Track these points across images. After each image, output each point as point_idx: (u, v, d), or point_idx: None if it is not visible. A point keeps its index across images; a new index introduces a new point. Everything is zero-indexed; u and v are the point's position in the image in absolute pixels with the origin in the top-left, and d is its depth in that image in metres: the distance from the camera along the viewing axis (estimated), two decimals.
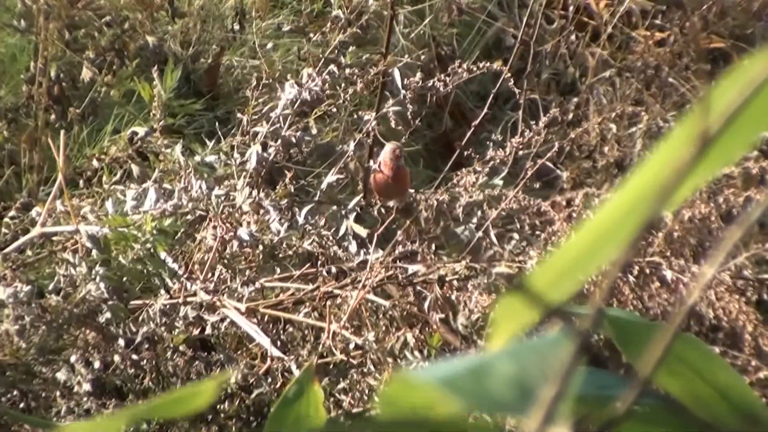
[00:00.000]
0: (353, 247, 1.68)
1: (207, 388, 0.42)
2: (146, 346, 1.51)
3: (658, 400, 0.48)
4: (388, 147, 1.77)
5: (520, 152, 1.80)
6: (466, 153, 1.82)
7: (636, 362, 0.53)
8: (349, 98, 1.76)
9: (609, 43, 2.99)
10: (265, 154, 1.73)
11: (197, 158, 1.73)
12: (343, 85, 1.77)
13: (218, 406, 1.50)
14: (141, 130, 1.84)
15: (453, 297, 1.53)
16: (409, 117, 1.72)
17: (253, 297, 1.57)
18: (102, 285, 1.48)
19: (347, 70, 1.75)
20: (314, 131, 1.78)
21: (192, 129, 2.54)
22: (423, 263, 1.59)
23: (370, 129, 1.76)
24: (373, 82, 1.78)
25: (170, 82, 2.46)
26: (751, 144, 0.37)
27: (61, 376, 1.45)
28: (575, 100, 2.85)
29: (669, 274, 1.61)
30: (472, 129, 2.02)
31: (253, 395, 1.48)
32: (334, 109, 1.80)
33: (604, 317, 0.56)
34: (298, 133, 1.75)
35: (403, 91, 1.73)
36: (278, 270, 1.67)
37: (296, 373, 1.52)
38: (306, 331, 1.57)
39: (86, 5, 2.37)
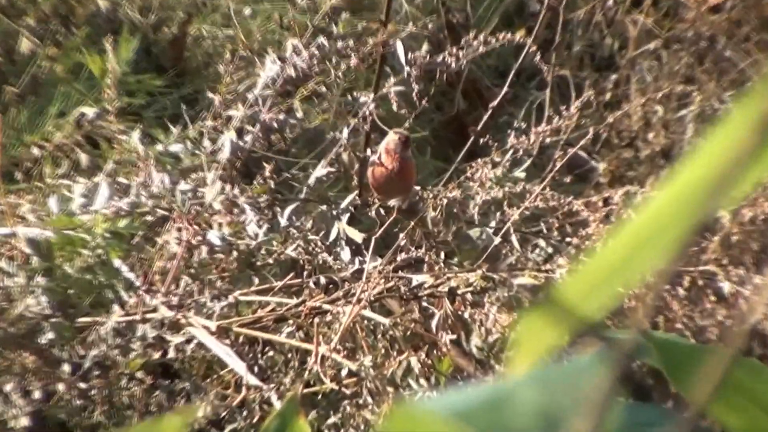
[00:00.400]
0: (346, 253, 1.68)
1: (170, 423, 0.42)
2: (96, 372, 1.51)
3: None
4: (392, 134, 1.77)
5: (547, 140, 1.80)
6: (482, 140, 1.82)
7: (686, 393, 0.53)
8: (341, 75, 1.76)
9: (654, 10, 2.99)
10: (240, 142, 1.72)
11: (159, 146, 1.72)
12: (334, 59, 1.77)
13: None
14: (91, 112, 1.84)
15: (466, 314, 1.52)
16: (415, 98, 1.72)
17: (225, 313, 1.57)
18: (43, 299, 1.47)
19: (339, 42, 1.75)
20: (300, 115, 1.78)
21: (153, 111, 2.54)
22: (430, 273, 1.59)
23: (368, 112, 1.76)
24: (370, 56, 1.78)
25: (126, 54, 2.46)
26: None
27: None
28: (613, 77, 2.85)
29: (726, 287, 1.61)
30: (490, 112, 2.02)
31: None
32: (324, 89, 1.80)
33: (648, 339, 0.56)
34: (281, 117, 1.75)
35: (406, 67, 1.73)
36: (256, 281, 1.66)
37: (277, 405, 1.52)
38: (289, 355, 1.57)
39: None
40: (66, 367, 1.50)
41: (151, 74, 2.58)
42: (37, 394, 1.47)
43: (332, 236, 1.71)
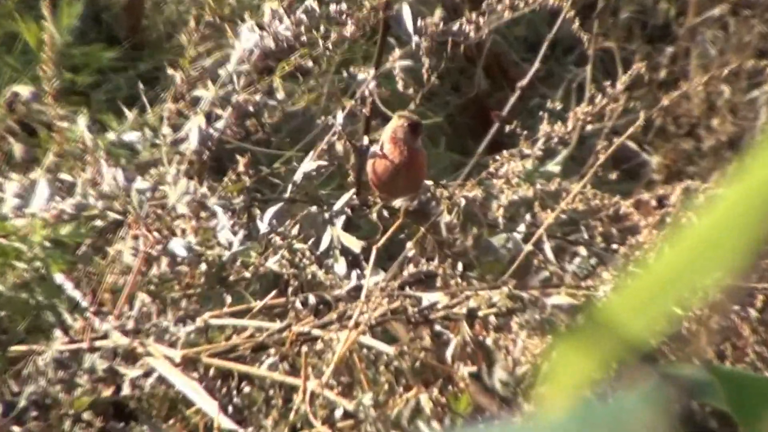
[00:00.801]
0: (341, 266, 1.67)
1: None
2: (34, 413, 1.51)
3: None
4: (397, 119, 1.77)
5: (589, 127, 1.80)
6: (508, 128, 1.82)
7: None
8: (334, 48, 1.76)
9: None
10: (210, 130, 1.72)
11: (111, 135, 1.72)
12: (325, 27, 1.77)
13: None
14: (26, 92, 1.84)
15: (489, 340, 1.52)
16: (425, 75, 1.72)
17: (192, 340, 1.57)
18: None
19: (332, 6, 1.75)
20: (281, 95, 1.78)
21: (103, 92, 2.55)
22: (444, 291, 1.58)
23: (367, 93, 1.76)
24: (369, 22, 1.79)
25: (69, 21, 2.46)
26: None
27: None
28: (670, 50, 2.86)
29: None
30: (518, 93, 2.02)
31: None
32: (313, 64, 1.80)
33: (712, 372, 0.56)
34: (259, 99, 1.75)
35: (415, 38, 1.73)
36: (229, 300, 1.66)
37: None
38: (271, 391, 1.57)
39: None
40: None
41: (100, 46, 2.59)
42: None
43: (324, 245, 1.72)
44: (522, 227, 1.77)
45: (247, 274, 1.64)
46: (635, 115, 1.84)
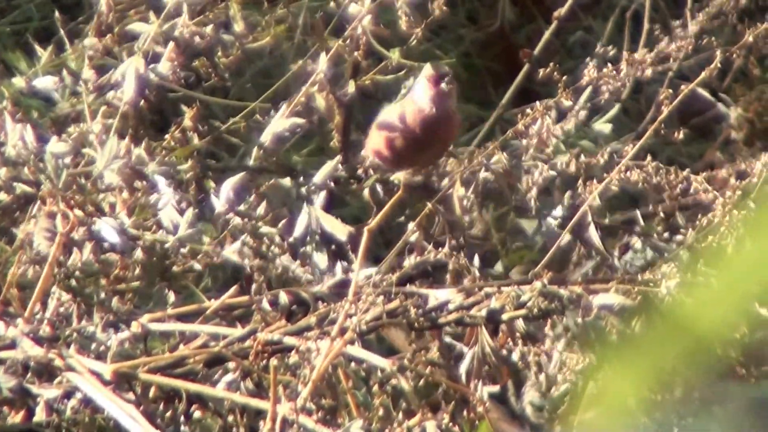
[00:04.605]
0: (322, 257, 1.68)
1: None
2: None
3: None
4: (427, 70, 1.78)
5: (648, 71, 1.80)
6: (541, 72, 1.83)
7: None
8: None
9: None
10: (150, 74, 1.72)
11: (18, 81, 1.72)
12: None
13: None
14: None
15: (515, 353, 1.52)
16: (433, 5, 1.72)
17: (126, 351, 1.57)
18: None
19: None
20: (240, 27, 1.78)
21: (8, 23, 2.54)
22: (457, 288, 1.59)
23: (358, 29, 1.77)
24: None
25: None
26: None
27: None
28: None
29: None
30: (555, 25, 2.02)
31: None
32: None
33: None
34: (210, 31, 1.75)
35: None
36: (173, 299, 1.66)
37: None
38: (230, 417, 1.57)
39: None
40: None
41: None
42: None
43: (299, 229, 1.72)
44: (559, 208, 1.77)
45: (198, 266, 1.65)
46: (708, 53, 1.85)
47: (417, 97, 1.78)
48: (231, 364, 1.61)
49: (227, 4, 1.79)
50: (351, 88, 1.81)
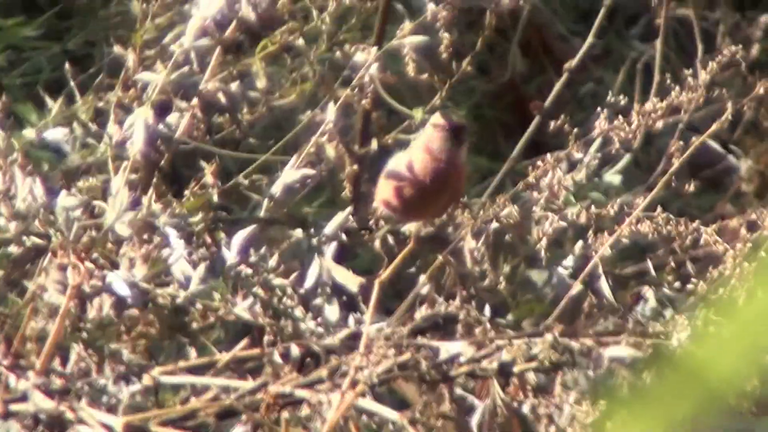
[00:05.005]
0: (333, 309, 1.68)
1: None
2: None
3: None
4: (436, 120, 1.78)
5: (658, 122, 1.81)
6: (552, 123, 1.83)
7: None
8: (327, 18, 1.78)
9: None
10: (161, 126, 1.73)
11: (28, 133, 1.73)
12: None
13: None
14: None
15: (526, 406, 1.52)
16: (444, 55, 1.73)
17: (138, 403, 1.57)
18: None
19: None
20: (262, 83, 1.79)
21: (19, 75, 2.55)
22: (468, 340, 1.59)
23: (367, 79, 1.77)
24: None
25: None
26: None
27: None
28: (764, 19, 2.86)
29: None
30: (566, 77, 2.03)
31: None
32: (299, 40, 1.81)
33: None
34: (229, 85, 1.76)
35: (430, 5, 1.74)
36: (188, 352, 1.66)
37: None
38: None
39: None
40: None
41: (16, 18, 2.60)
42: None
43: (310, 281, 1.72)
44: (570, 259, 1.77)
45: (211, 320, 1.65)
46: (719, 105, 1.85)
47: (424, 146, 1.78)
48: (243, 417, 1.60)
49: (247, 60, 1.79)
50: (374, 145, 1.82)
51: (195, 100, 1.73)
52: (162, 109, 1.77)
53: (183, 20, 1.83)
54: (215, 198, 1.67)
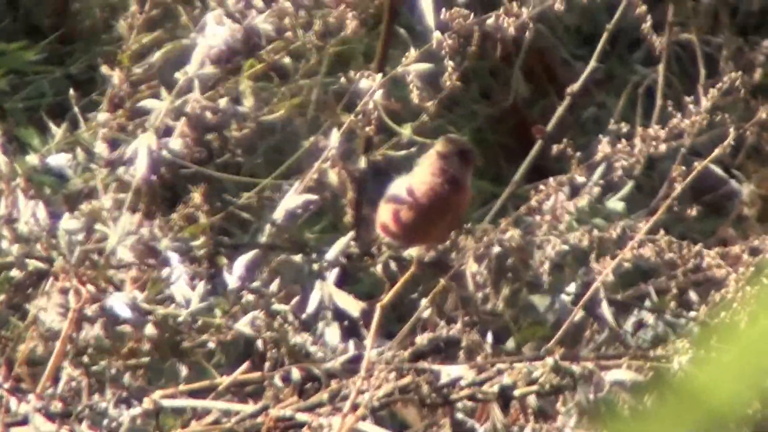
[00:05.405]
0: (334, 333, 1.67)
1: None
2: None
3: None
4: (441, 145, 1.79)
5: (661, 147, 1.81)
6: (555, 147, 1.83)
7: None
8: (327, 43, 1.78)
9: None
10: (163, 151, 1.73)
11: (31, 158, 1.73)
12: (313, 16, 1.78)
13: None
14: None
15: (527, 429, 1.51)
16: (447, 81, 1.74)
17: (138, 427, 1.56)
18: None
19: None
20: (249, 102, 1.79)
21: (21, 100, 2.55)
22: (469, 364, 1.58)
23: (370, 105, 1.77)
24: (372, 9, 1.80)
25: None
26: None
27: None
28: (767, 44, 2.86)
29: None
30: (568, 101, 2.03)
31: None
32: (293, 61, 1.81)
33: None
34: (227, 109, 1.76)
35: (435, 32, 1.74)
36: (186, 373, 1.66)
37: None
38: None
39: None
40: None
41: (18, 40, 2.60)
42: None
43: (312, 305, 1.72)
44: (572, 284, 1.77)
45: (211, 342, 1.65)
46: (721, 129, 1.85)
47: (425, 171, 1.78)
48: None
49: (237, 79, 1.80)
50: (362, 163, 1.82)
51: (189, 123, 1.72)
52: (161, 133, 1.77)
53: (170, 39, 1.83)
54: (203, 219, 1.66)
